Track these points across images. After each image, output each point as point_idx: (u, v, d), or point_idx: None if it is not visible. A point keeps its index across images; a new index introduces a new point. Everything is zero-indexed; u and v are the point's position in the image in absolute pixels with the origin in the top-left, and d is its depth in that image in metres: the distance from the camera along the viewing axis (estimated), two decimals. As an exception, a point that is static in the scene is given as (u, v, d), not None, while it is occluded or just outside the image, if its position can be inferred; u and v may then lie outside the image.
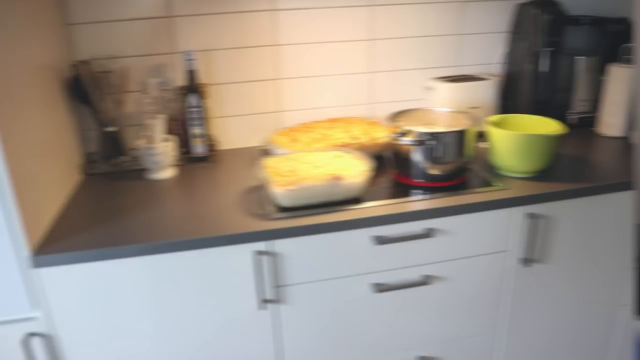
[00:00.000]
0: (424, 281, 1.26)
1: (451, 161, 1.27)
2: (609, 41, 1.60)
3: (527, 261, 1.31)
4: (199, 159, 1.53)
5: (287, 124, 1.65)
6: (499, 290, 1.34)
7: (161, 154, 1.39)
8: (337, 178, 1.17)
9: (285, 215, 1.16)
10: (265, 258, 1.15)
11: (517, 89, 1.64)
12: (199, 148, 1.52)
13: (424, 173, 1.28)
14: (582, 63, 1.60)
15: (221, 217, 1.17)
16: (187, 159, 1.53)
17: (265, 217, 1.16)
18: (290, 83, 1.62)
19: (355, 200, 1.22)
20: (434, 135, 1.23)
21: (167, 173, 1.43)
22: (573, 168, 1.37)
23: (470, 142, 1.28)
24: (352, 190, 1.20)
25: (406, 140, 1.24)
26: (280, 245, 1.15)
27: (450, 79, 1.63)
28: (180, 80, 1.54)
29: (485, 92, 1.61)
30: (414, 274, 1.26)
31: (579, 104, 1.66)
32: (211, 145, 1.56)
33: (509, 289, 1.35)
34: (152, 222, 1.16)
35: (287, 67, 1.60)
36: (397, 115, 1.39)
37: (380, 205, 1.20)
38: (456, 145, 1.25)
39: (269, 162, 1.28)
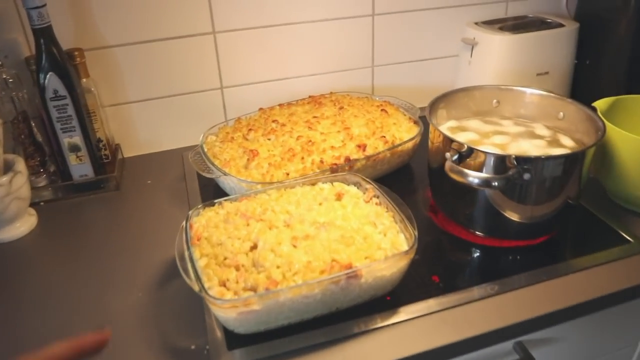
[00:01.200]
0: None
1: (552, 201, 0.67)
2: None
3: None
4: (82, 186, 0.86)
5: (235, 112, 0.98)
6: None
7: (3, 197, 0.72)
8: (350, 276, 0.56)
9: (246, 356, 0.56)
10: None
11: (601, 39, 1.03)
12: (80, 168, 0.85)
13: (500, 222, 0.69)
14: None
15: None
16: (63, 189, 0.86)
17: (203, 364, 0.55)
18: (235, 38, 0.94)
19: (382, 303, 0.62)
20: (528, 165, 0.63)
21: (20, 228, 0.77)
22: None
23: (587, 167, 0.68)
24: (377, 289, 0.60)
25: (474, 177, 0.63)
26: None
27: (501, 25, 1.00)
28: (28, 48, 0.84)
29: (558, 48, 0.99)
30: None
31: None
32: (105, 157, 0.90)
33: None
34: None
35: (229, 11, 0.92)
36: (436, 104, 0.77)
37: (432, 314, 0.60)
38: (565, 175, 0.66)
39: (201, 225, 0.63)
